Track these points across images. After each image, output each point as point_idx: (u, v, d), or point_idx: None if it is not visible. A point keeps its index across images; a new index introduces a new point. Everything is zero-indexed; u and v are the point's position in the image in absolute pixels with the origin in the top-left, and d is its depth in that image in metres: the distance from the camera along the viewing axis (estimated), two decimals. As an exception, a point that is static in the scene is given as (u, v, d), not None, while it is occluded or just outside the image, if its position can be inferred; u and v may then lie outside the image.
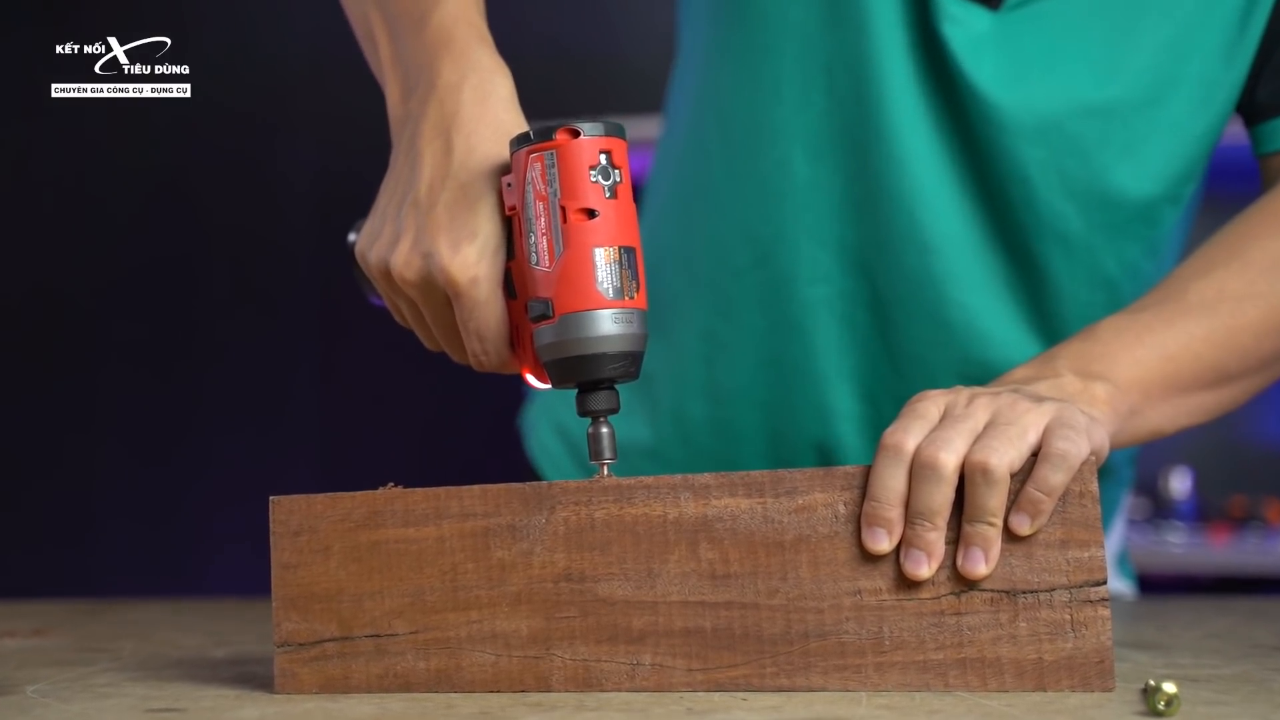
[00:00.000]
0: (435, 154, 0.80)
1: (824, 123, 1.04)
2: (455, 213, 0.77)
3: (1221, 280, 0.91)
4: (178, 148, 2.84)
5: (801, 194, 1.05)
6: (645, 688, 0.71)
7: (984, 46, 1.00)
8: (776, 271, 1.07)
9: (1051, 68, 1.00)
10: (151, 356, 2.85)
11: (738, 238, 1.09)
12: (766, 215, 1.07)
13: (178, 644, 0.97)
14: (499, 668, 0.72)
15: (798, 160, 1.05)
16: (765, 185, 1.07)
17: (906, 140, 1.02)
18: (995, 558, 0.69)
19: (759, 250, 1.07)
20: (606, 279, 0.73)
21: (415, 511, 0.74)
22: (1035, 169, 1.00)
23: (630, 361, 0.74)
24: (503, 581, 0.72)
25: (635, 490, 0.72)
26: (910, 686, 0.69)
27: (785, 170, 1.06)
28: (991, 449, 0.69)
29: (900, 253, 1.04)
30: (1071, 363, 0.84)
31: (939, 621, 0.69)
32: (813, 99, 1.04)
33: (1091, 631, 0.68)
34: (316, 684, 0.74)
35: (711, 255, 1.10)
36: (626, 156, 0.75)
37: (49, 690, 0.75)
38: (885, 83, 1.02)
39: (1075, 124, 1.00)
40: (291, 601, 0.74)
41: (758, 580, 0.71)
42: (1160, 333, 0.87)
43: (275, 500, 0.75)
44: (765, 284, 1.07)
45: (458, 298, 0.77)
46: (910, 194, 1.03)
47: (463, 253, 0.76)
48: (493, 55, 0.84)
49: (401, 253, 0.78)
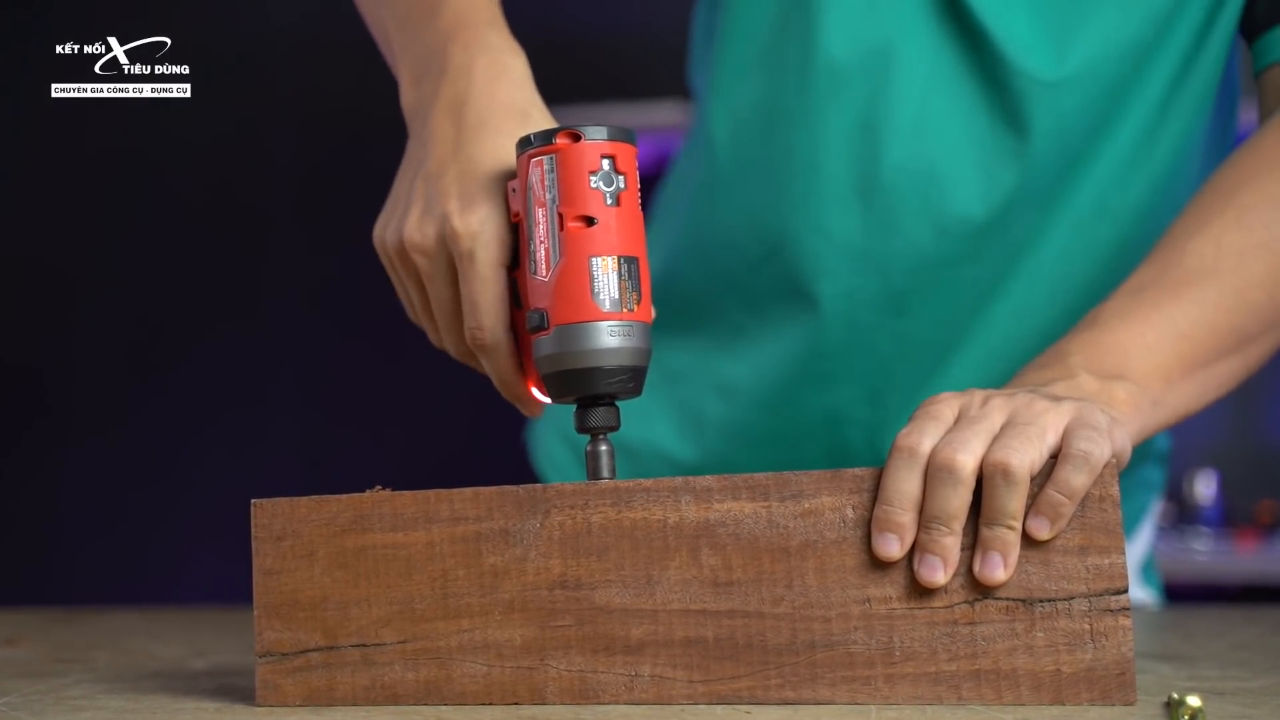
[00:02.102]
0: (445, 130, 0.80)
1: (826, 104, 1.01)
2: (465, 182, 0.77)
3: (1218, 234, 0.86)
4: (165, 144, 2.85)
5: (803, 182, 1.03)
6: (644, 700, 0.69)
7: (1015, 5, 0.97)
8: (787, 265, 1.05)
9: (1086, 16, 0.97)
10: (127, 356, 2.85)
11: (748, 231, 1.07)
12: (773, 207, 1.04)
13: (154, 654, 0.95)
14: (491, 679, 0.70)
15: (800, 147, 1.03)
16: (769, 175, 1.04)
17: (921, 112, 1.00)
18: (1014, 563, 0.67)
19: (768, 244, 1.05)
20: (604, 290, 0.71)
21: (404, 515, 0.71)
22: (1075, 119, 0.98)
23: (630, 376, 0.72)
24: (495, 589, 0.70)
25: (634, 493, 0.69)
26: (921, 699, 0.67)
27: (788, 158, 1.03)
28: (1011, 449, 0.66)
29: (912, 236, 1.01)
30: (1085, 359, 0.80)
31: (952, 631, 0.67)
32: (814, 81, 1.01)
33: (1112, 642, 0.66)
34: (300, 696, 0.72)
35: (728, 247, 1.08)
36: (634, 162, 0.73)
37: (20, 703, 0.73)
38: (898, 53, 0.99)
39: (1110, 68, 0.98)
40: (274, 609, 0.72)
41: (762, 588, 0.68)
42: (1168, 308, 0.83)
43: (257, 503, 0.73)
44: (780, 276, 1.05)
45: (461, 263, 0.76)
46: (922, 173, 1.00)
47: (471, 215, 0.76)
48: (505, 37, 0.84)
49: (412, 219, 0.78)
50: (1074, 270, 1.02)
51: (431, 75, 0.83)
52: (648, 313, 0.73)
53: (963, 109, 0.99)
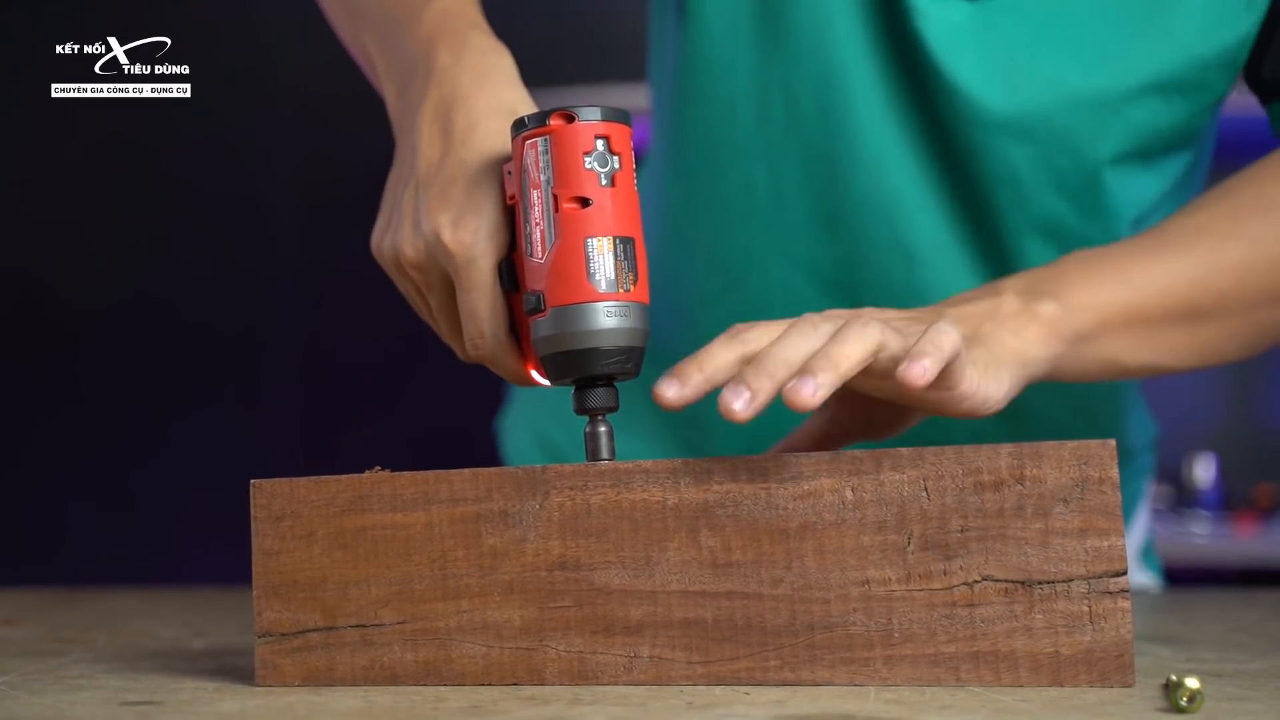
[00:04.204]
0: (434, 134, 0.79)
1: (786, 138, 1.00)
2: (455, 192, 0.76)
3: (1205, 219, 0.86)
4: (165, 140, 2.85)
5: (767, 214, 1.01)
6: (643, 681, 0.69)
7: (963, 39, 0.95)
8: (748, 297, 1.03)
9: (1037, 57, 0.94)
10: (127, 338, 2.84)
11: (705, 265, 1.05)
12: (733, 239, 1.03)
13: (153, 634, 0.95)
14: (490, 659, 0.70)
15: (760, 180, 1.01)
16: (728, 208, 1.03)
17: (879, 147, 0.97)
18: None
19: (728, 277, 1.04)
20: (599, 270, 0.71)
21: (403, 496, 0.71)
22: (1024, 166, 0.96)
23: (628, 357, 0.72)
24: (494, 570, 0.70)
25: (633, 474, 0.69)
26: (920, 681, 0.67)
27: (748, 191, 1.01)
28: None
29: (882, 266, 0.99)
30: (1018, 283, 0.80)
31: (951, 613, 0.66)
32: (771, 114, 1.00)
33: (1111, 624, 0.65)
34: (299, 676, 0.72)
35: (683, 282, 1.07)
36: (629, 143, 0.73)
37: (19, 682, 0.73)
38: (851, 89, 0.97)
39: (1065, 117, 0.94)
40: (273, 590, 0.72)
41: (761, 569, 0.68)
42: (1128, 264, 0.83)
43: (256, 484, 0.73)
44: (737, 312, 1.02)
45: (456, 276, 0.75)
46: (888, 203, 0.98)
47: (462, 230, 0.74)
48: (489, 37, 0.83)
49: (405, 234, 0.77)
50: None
51: (417, 81, 0.82)
52: (645, 293, 0.72)
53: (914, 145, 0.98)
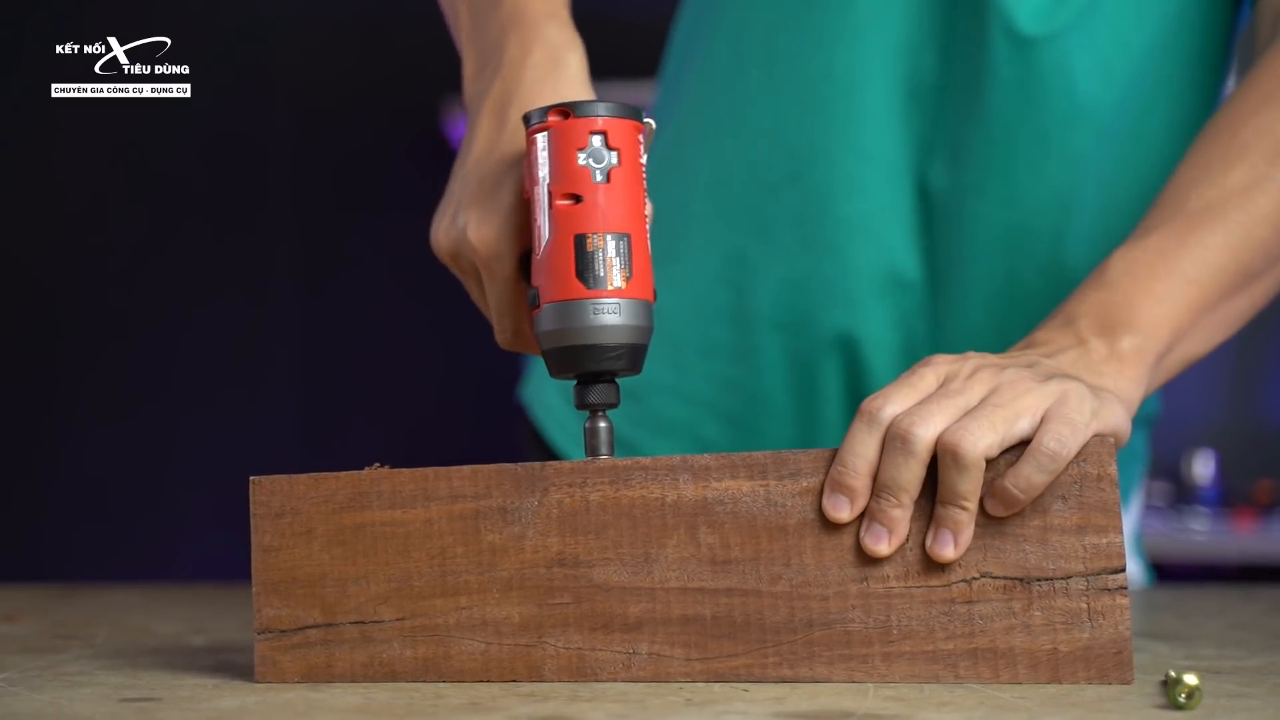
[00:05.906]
0: (488, 129, 0.80)
1: (876, 24, 1.00)
2: (486, 187, 0.77)
3: (1221, 176, 0.85)
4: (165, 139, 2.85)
5: (841, 101, 1.01)
6: (642, 678, 0.69)
7: None
8: (812, 187, 1.03)
9: None
10: (127, 337, 2.84)
11: (768, 154, 1.04)
12: (803, 125, 1.03)
13: (153, 631, 0.95)
14: (489, 656, 0.70)
15: (839, 66, 1.01)
16: (799, 96, 1.03)
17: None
18: (965, 543, 0.67)
19: (791, 167, 1.03)
20: (589, 268, 0.71)
21: (402, 493, 0.71)
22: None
23: (624, 354, 0.72)
24: (493, 566, 0.70)
25: (632, 471, 0.69)
26: (919, 678, 0.67)
27: (827, 78, 1.01)
28: (967, 431, 0.66)
29: (970, 145, 1.00)
30: (1093, 323, 0.79)
31: (949, 610, 0.67)
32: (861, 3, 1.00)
33: (1109, 621, 0.65)
34: (299, 673, 0.71)
35: (744, 171, 1.06)
36: (634, 138, 0.72)
37: (18, 679, 0.73)
38: None
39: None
40: (272, 586, 0.72)
41: (760, 566, 0.68)
42: (1174, 256, 0.82)
43: (255, 480, 0.73)
44: (800, 200, 1.03)
45: (481, 271, 0.77)
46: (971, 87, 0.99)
47: (485, 225, 0.76)
48: (564, 30, 0.83)
49: (443, 226, 0.79)
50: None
51: (489, 69, 0.83)
52: (643, 289, 0.72)
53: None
